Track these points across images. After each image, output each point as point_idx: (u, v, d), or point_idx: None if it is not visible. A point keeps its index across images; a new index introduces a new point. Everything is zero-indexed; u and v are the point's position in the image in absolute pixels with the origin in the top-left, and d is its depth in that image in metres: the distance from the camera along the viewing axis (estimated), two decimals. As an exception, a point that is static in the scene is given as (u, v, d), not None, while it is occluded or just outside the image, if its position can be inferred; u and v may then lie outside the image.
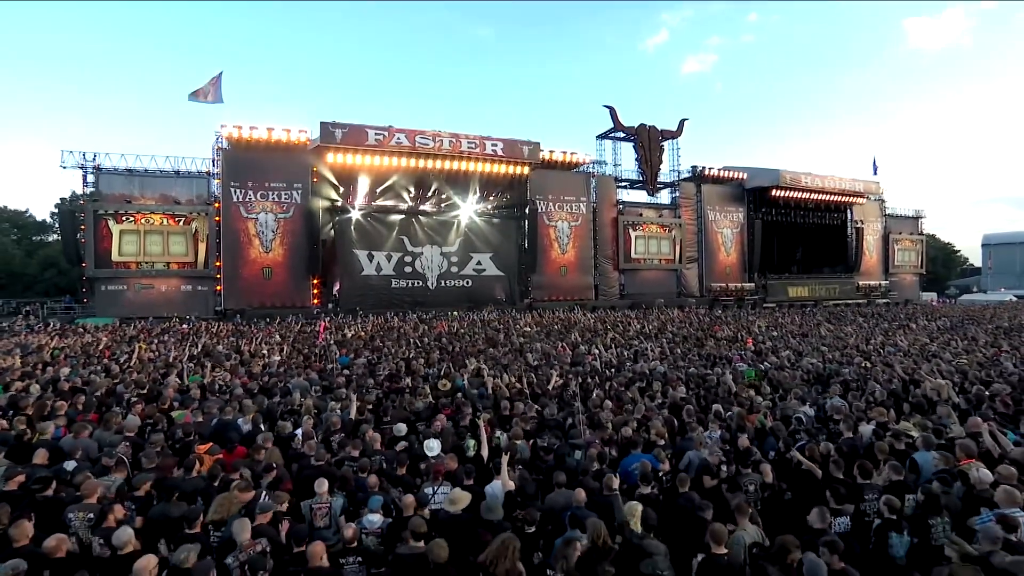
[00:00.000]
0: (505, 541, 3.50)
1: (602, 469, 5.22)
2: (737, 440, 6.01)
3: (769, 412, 7.57)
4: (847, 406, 7.73)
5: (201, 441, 6.15)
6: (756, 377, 9.68)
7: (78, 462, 5.27)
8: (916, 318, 25.48)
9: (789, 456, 5.77)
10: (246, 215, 26.03)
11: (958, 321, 23.85)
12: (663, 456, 5.61)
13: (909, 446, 6.02)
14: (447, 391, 8.67)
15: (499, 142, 29.50)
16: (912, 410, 7.59)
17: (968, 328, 20.06)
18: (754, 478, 5.26)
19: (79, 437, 6.00)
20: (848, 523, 4.53)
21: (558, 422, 6.89)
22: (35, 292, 35.15)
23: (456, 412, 7.22)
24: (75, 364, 11.24)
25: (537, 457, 5.77)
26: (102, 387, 8.98)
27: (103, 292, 24.23)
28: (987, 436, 5.92)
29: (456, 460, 5.27)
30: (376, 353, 12.94)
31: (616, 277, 36.01)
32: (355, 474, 4.99)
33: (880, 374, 10.19)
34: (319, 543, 3.70)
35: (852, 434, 6.53)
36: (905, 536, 4.32)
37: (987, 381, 9.29)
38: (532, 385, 8.90)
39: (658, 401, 8.07)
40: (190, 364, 11.01)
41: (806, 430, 6.71)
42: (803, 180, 39.47)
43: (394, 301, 28.27)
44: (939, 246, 76.24)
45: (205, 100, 24.89)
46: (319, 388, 9.03)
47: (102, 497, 4.41)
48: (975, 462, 5.40)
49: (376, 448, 5.81)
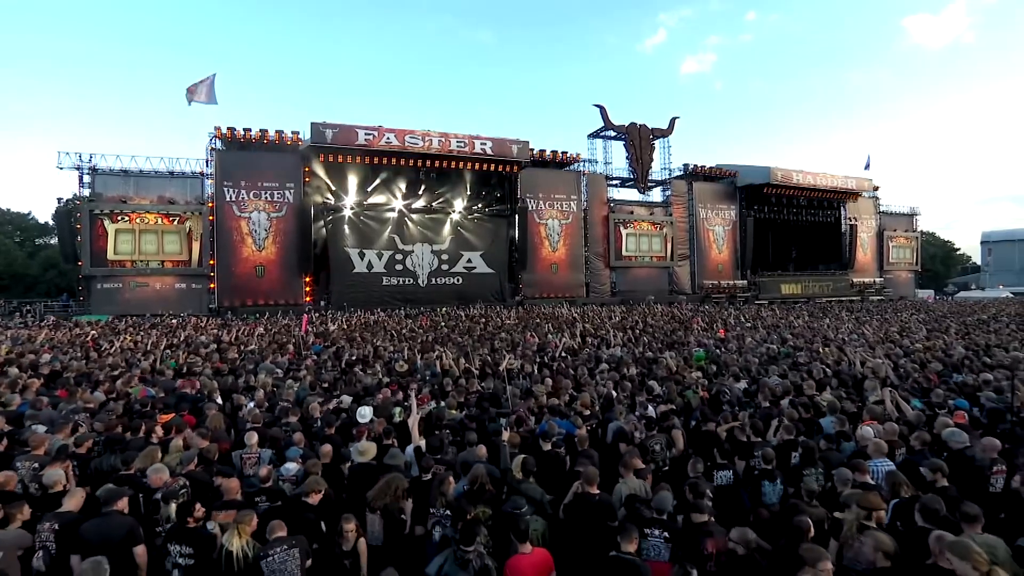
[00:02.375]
0: (390, 480, 3.93)
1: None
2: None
3: (703, 388, 7.95)
4: (781, 383, 8.10)
5: (164, 411, 6.64)
6: (705, 359, 10.07)
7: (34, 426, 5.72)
8: (900, 312, 25.72)
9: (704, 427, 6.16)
10: (239, 214, 26.58)
11: (941, 315, 24.05)
12: (580, 423, 6.01)
13: (818, 413, 6.41)
14: (404, 372, 9.12)
15: (488, 141, 29.90)
16: (839, 385, 7.96)
17: (945, 321, 20.29)
18: (659, 439, 5.64)
19: (40, 408, 6.48)
20: (731, 476, 4.90)
21: (494, 395, 7.31)
22: (36, 293, 35.84)
23: (401, 388, 7.64)
24: (58, 351, 11.73)
25: (464, 424, 6.18)
26: (78, 370, 9.46)
27: (99, 290, 24.83)
28: (888, 402, 6.30)
29: (384, 424, 5.69)
30: (350, 342, 13.37)
31: (607, 274, 36.35)
32: (284, 434, 5.43)
33: (829, 357, 10.55)
34: (234, 479, 4.16)
35: (773, 406, 6.91)
36: (778, 484, 4.70)
37: (926, 362, 9.64)
38: (485, 366, 9.32)
39: (604, 379, 8.46)
40: (168, 351, 11.48)
41: (728, 402, 7.09)
42: (794, 177, 39.65)
43: (385, 298, 28.73)
44: (938, 244, 76.02)
45: (199, 101, 25.45)
46: (282, 370, 9.46)
47: (48, 450, 4.86)
48: (872, 423, 5.81)
49: (315, 416, 6.26)
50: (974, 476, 4.58)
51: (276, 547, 3.41)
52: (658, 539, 3.66)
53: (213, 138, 26.27)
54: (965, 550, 2.83)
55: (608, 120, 36.16)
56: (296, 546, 3.44)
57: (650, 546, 3.66)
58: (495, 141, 30.10)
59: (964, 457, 4.78)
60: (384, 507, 3.94)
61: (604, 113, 35.99)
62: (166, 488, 4.09)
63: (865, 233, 46.42)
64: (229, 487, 4.10)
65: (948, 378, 8.58)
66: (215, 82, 25.62)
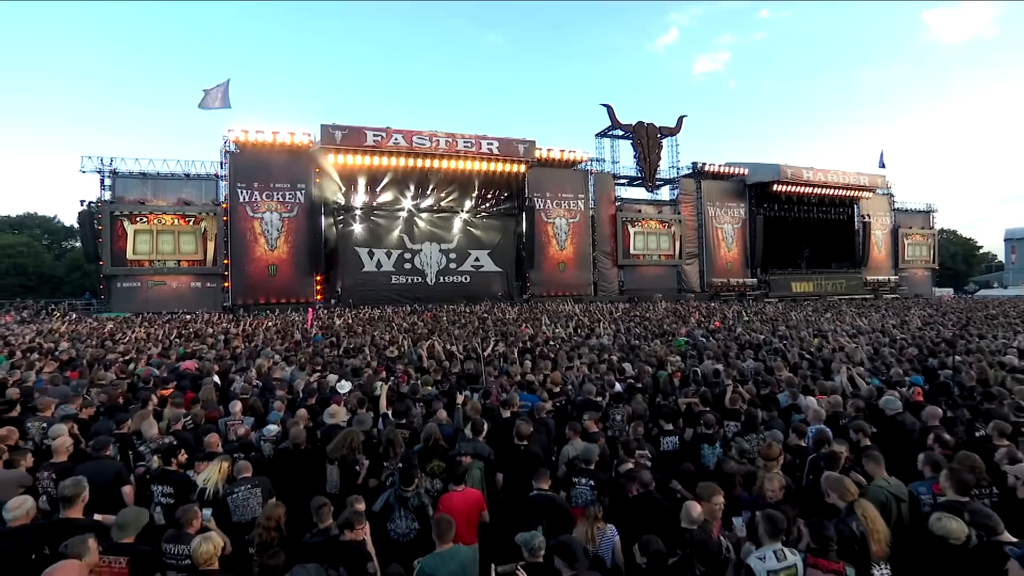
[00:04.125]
0: (346, 434, 4.37)
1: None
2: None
3: (677, 370, 8.26)
4: (754, 365, 8.39)
5: (164, 387, 7.20)
6: (685, 345, 10.36)
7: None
8: (910, 309, 25.53)
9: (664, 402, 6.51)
10: (252, 215, 27.41)
11: (949, 310, 23.89)
12: (546, 397, 6.40)
13: (776, 389, 6.71)
14: (394, 356, 9.59)
15: (495, 141, 30.34)
16: (809, 366, 8.22)
17: (950, 316, 20.21)
18: (621, 410, 5.99)
19: (56, 384, 7.08)
20: (676, 442, 5.25)
21: (473, 375, 7.73)
22: (62, 293, 37.26)
23: (388, 370, 8.09)
24: (76, 341, 12.45)
25: (437, 397, 6.60)
26: (93, 356, 10.11)
27: (119, 289, 25.83)
28: (844, 378, 6.58)
29: (359, 396, 6.14)
30: (351, 334, 13.89)
31: (615, 273, 36.48)
32: (268, 403, 5.92)
33: (811, 344, 10.77)
34: (215, 434, 4.65)
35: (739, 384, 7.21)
36: (717, 448, 5.03)
37: (905, 346, 9.85)
38: (471, 352, 9.74)
39: (583, 363, 8.82)
40: (177, 340, 12.11)
41: (695, 381, 7.41)
42: (804, 174, 39.38)
43: (394, 296, 29.31)
44: (960, 242, 74.64)
45: (214, 106, 26.31)
46: (280, 356, 9.98)
47: (55, 413, 5.39)
48: (825, 398, 6.10)
49: (300, 390, 6.73)
50: (902, 436, 4.88)
51: (241, 486, 3.86)
52: (584, 487, 4.04)
53: (227, 141, 27.13)
54: (837, 483, 3.16)
55: (615, 119, 36.36)
56: (259, 486, 3.89)
57: (578, 493, 4.04)
58: (501, 141, 30.52)
59: (896, 422, 5.07)
60: (341, 458, 4.37)
61: (611, 112, 36.21)
62: (151, 441, 4.58)
63: (879, 231, 45.82)
64: (210, 441, 4.58)
65: (924, 361, 8.80)
66: (229, 87, 26.52)
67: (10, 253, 37.71)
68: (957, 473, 3.30)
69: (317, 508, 3.38)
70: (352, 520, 3.16)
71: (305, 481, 4.23)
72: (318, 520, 3.34)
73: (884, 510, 3.42)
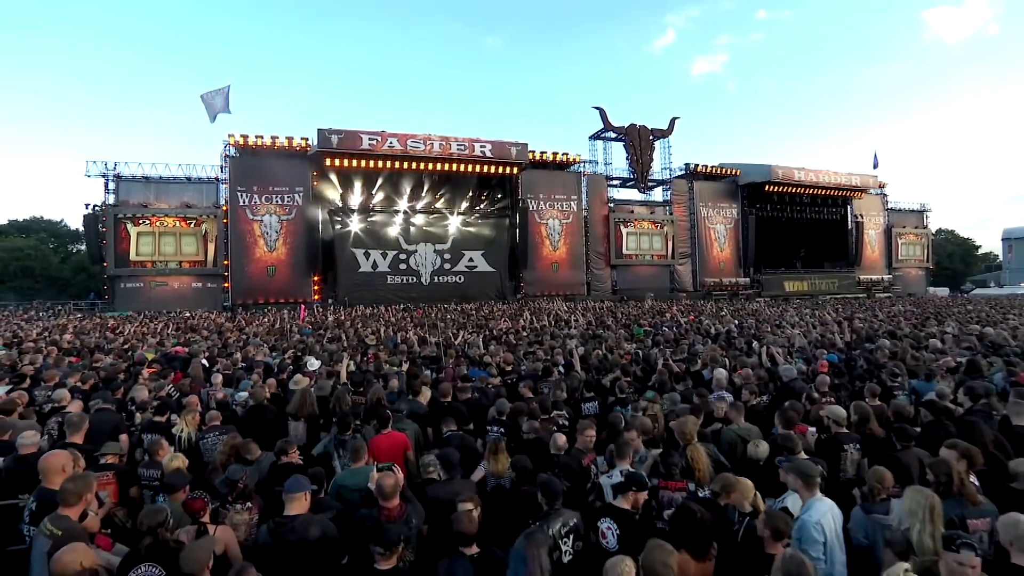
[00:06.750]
0: (302, 392, 5.15)
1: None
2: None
3: (628, 354, 9.02)
4: (704, 349, 9.15)
5: (152, 366, 8.03)
6: (644, 334, 11.12)
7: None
8: (894, 306, 26.16)
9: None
10: (252, 217, 28.32)
11: (930, 307, 24.54)
12: (495, 372, 7.18)
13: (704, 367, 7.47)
14: (372, 343, 10.39)
15: (488, 144, 31.07)
16: (747, 348, 8.98)
17: (926, 311, 20.88)
18: (553, 382, 6.73)
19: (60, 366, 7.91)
20: (596, 407, 6.00)
21: (436, 357, 8.51)
22: (68, 295, 38.30)
23: (362, 353, 8.89)
24: (79, 333, 13.31)
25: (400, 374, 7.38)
26: (95, 345, 10.95)
27: (123, 289, 26.81)
28: (764, 355, 7.32)
29: (327, 368, 6.94)
30: (339, 327, 14.70)
31: (608, 273, 37.13)
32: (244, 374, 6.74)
33: (766, 332, 11.51)
34: (194, 396, 5.44)
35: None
36: (628, 410, 5.77)
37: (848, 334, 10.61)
38: (445, 340, 10.52)
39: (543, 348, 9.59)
40: (174, 332, 12.95)
41: (636, 361, 8.18)
42: (796, 175, 39.90)
43: (390, 297, 30.10)
44: (958, 241, 74.77)
45: (216, 111, 27.23)
46: (267, 344, 10.79)
47: (58, 383, 6.21)
48: (742, 372, 6.84)
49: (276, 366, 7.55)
50: (794, 397, 5.62)
51: (210, 433, 4.65)
52: (495, 433, 4.79)
53: (227, 145, 28.06)
54: (680, 424, 3.92)
55: (608, 122, 37.08)
56: (226, 433, 4.66)
57: (490, 437, 4.79)
58: (494, 144, 31.24)
59: (787, 386, 5.83)
60: (307, 416, 5.17)
61: (604, 115, 36.94)
62: (141, 401, 5.38)
63: (872, 230, 46.28)
64: (189, 401, 5.36)
65: (860, 344, 9.54)
66: (229, 92, 27.46)
67: (18, 256, 38.86)
68: (784, 411, 4.08)
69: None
70: (285, 447, 3.97)
71: (266, 433, 5.01)
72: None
73: (732, 447, 4.21)
